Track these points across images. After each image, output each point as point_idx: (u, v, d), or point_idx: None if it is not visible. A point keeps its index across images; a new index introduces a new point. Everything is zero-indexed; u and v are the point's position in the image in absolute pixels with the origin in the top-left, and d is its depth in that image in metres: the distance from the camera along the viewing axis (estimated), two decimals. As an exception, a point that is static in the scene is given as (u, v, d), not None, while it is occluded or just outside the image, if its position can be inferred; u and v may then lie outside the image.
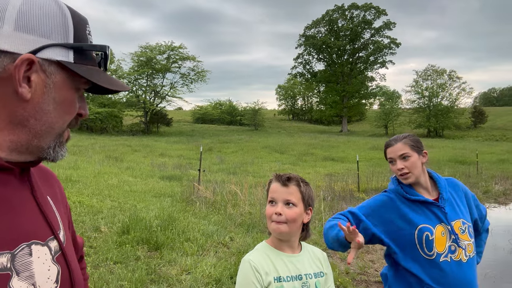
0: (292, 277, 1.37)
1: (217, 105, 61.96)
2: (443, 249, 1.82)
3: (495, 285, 4.54)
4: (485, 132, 44.15)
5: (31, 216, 0.72)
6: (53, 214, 0.80)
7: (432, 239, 1.83)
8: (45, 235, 0.73)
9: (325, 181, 11.45)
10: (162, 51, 40.79)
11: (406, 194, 1.91)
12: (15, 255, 0.65)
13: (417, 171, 1.90)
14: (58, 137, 0.73)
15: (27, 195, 0.74)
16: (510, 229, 6.91)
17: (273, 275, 1.35)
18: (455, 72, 48.25)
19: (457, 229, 1.86)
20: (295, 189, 1.40)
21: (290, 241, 1.44)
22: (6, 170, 0.70)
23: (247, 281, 1.34)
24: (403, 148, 1.91)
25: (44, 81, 0.68)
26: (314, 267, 1.44)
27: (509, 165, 16.77)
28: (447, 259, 1.80)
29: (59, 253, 0.74)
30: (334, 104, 53.27)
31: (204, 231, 5.71)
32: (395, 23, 52.97)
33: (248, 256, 1.41)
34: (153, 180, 10.71)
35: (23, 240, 0.67)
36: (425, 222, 1.86)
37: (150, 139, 29.81)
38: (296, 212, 1.38)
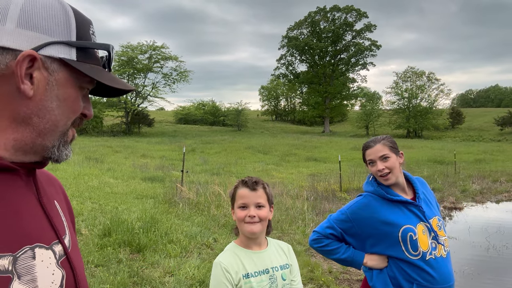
0: (260, 271, 1.50)
1: (200, 106, 61.63)
2: (427, 247, 1.86)
3: (473, 282, 4.66)
4: (462, 133, 45.34)
5: (35, 219, 0.70)
6: (59, 218, 0.79)
7: (416, 238, 1.86)
8: (50, 239, 0.71)
9: (308, 181, 11.54)
10: (143, 51, 40.30)
11: (387, 195, 1.94)
12: (17, 257, 0.63)
13: (396, 172, 1.94)
14: (62, 135, 0.73)
15: (33, 197, 0.72)
16: (487, 227, 7.11)
17: (241, 273, 1.47)
18: (433, 74, 49.46)
19: (435, 226, 1.92)
20: (262, 191, 1.54)
21: (259, 239, 1.57)
22: (11, 171, 0.68)
23: (218, 282, 1.46)
24: (382, 149, 1.95)
25: (47, 79, 0.68)
26: (280, 259, 1.57)
27: (485, 165, 17.27)
28: (432, 256, 1.86)
29: (63, 258, 0.73)
30: (316, 105, 53.74)
31: (187, 232, 5.67)
32: (375, 26, 53.89)
33: (219, 258, 1.52)
34: (134, 182, 10.56)
35: (27, 243, 0.66)
36: (407, 223, 1.89)
37: (132, 140, 29.40)
38: (265, 211, 1.53)
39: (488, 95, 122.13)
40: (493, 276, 4.86)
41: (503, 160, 19.31)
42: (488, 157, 20.42)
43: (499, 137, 40.28)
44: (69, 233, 0.80)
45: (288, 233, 6.17)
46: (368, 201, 1.98)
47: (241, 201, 1.53)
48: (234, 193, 1.58)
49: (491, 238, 6.43)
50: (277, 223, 6.53)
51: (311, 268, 4.61)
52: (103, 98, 40.09)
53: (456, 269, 5.02)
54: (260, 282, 1.48)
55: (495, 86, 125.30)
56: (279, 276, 1.53)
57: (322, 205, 8.15)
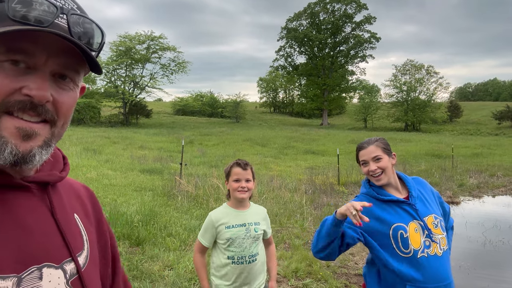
0: (239, 224, 2.20)
1: (198, 97, 61.40)
2: (419, 245, 1.89)
3: (469, 276, 4.71)
4: (460, 126, 45.43)
5: (47, 237, 0.67)
6: (76, 233, 0.74)
7: (407, 236, 1.90)
8: (61, 257, 0.68)
9: (306, 175, 11.56)
10: (141, 41, 39.97)
11: (378, 195, 2.00)
12: (22, 279, 0.61)
13: (389, 172, 2.01)
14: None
15: (47, 213, 0.69)
16: (483, 222, 7.16)
17: (225, 224, 2.18)
18: (432, 67, 49.35)
19: (430, 224, 1.94)
20: (250, 170, 2.24)
21: (244, 202, 2.27)
22: (21, 188, 0.66)
23: (207, 225, 2.24)
24: (375, 150, 2.01)
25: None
26: (255, 218, 2.26)
27: (482, 159, 17.32)
28: (424, 254, 1.87)
29: (75, 277, 0.69)
30: (315, 97, 53.63)
31: (186, 225, 5.68)
32: (375, 18, 53.57)
33: (211, 212, 2.28)
34: (133, 174, 10.55)
35: (33, 263, 0.63)
36: (398, 221, 1.93)
37: (129, 131, 29.31)
38: (252, 184, 2.26)
39: (487, 89, 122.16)
40: (490, 271, 4.91)
41: (501, 154, 19.37)
42: (485, 151, 20.49)
43: (497, 131, 40.39)
44: (88, 248, 0.76)
45: (286, 226, 6.20)
46: (361, 200, 2.01)
47: (236, 177, 2.20)
48: (229, 171, 2.26)
49: (487, 232, 6.48)
50: (276, 216, 6.56)
51: (309, 262, 4.65)
52: (101, 89, 39.90)
53: (453, 263, 5.03)
54: (239, 231, 2.17)
55: (493, 79, 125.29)
56: (252, 229, 2.21)
57: (320, 198, 8.18)
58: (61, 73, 0.66)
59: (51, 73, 0.64)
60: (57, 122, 0.66)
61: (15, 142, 0.61)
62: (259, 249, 2.24)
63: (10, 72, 0.60)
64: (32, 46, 0.61)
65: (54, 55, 0.63)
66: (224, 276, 2.17)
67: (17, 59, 0.60)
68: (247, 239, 2.16)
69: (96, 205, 0.87)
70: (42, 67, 0.62)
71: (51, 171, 0.74)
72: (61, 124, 0.68)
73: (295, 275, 4.35)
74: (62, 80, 0.66)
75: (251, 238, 2.17)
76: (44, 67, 0.62)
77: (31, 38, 0.60)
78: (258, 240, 2.23)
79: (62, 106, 0.66)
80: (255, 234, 2.19)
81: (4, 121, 0.61)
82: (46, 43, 0.62)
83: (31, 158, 0.63)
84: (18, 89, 0.61)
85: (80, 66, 0.68)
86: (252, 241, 2.19)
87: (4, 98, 0.60)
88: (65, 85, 0.67)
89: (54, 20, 0.61)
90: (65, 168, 0.79)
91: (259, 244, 2.25)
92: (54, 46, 0.63)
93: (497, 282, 4.55)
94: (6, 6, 0.59)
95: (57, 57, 0.64)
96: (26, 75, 0.61)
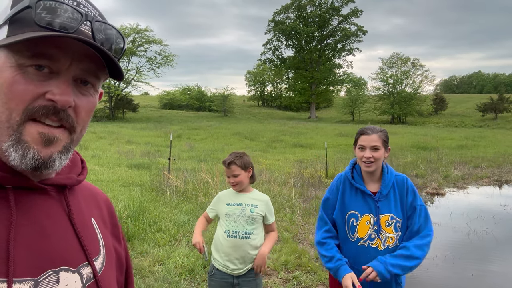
0: (236, 203, 2.50)
1: (186, 91, 60.93)
2: (364, 235, 2.09)
3: (454, 265, 4.82)
4: (445, 119, 46.16)
5: (64, 241, 0.67)
6: (93, 237, 0.74)
7: (356, 225, 2.11)
8: (78, 261, 0.68)
9: (295, 168, 11.63)
10: (127, 34, 39.35)
11: (351, 180, 2.17)
12: (39, 282, 0.61)
13: (379, 163, 2.11)
14: (12, 132, 0.61)
15: (64, 217, 0.69)
16: (468, 213, 7.32)
17: (226, 202, 2.53)
18: (418, 60, 49.90)
19: (383, 222, 2.08)
20: (235, 166, 2.47)
21: (240, 189, 2.55)
22: (38, 190, 0.66)
23: (214, 201, 2.62)
24: (377, 140, 2.09)
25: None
26: (253, 202, 2.51)
27: (467, 150, 17.67)
28: (365, 244, 2.09)
29: (91, 281, 0.69)
30: (302, 90, 53.77)
31: (175, 220, 5.67)
32: (362, 11, 53.78)
33: (219, 192, 2.66)
34: (120, 169, 10.45)
35: (51, 267, 0.63)
36: (355, 209, 2.13)
37: (116, 126, 28.96)
38: (240, 178, 2.49)
39: (471, 81, 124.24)
40: (474, 260, 5.03)
41: (484, 146, 19.78)
42: (470, 143, 20.88)
43: (481, 123, 41.18)
44: (104, 253, 0.76)
45: (276, 220, 6.23)
46: (341, 179, 2.22)
47: (226, 173, 2.55)
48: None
49: (472, 223, 6.64)
50: (265, 210, 6.58)
51: (298, 255, 4.69)
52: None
53: (438, 253, 5.18)
54: (235, 209, 2.49)
55: (477, 72, 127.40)
56: (248, 209, 2.47)
57: (309, 191, 8.24)
58: (83, 78, 0.66)
59: (73, 78, 0.65)
60: (76, 128, 0.67)
61: (37, 147, 0.62)
62: (255, 230, 2.47)
63: (34, 77, 0.61)
64: (57, 51, 0.62)
65: (77, 60, 0.64)
66: (220, 248, 2.48)
67: (42, 64, 0.61)
68: (242, 217, 2.46)
69: (112, 211, 0.87)
70: (65, 72, 0.63)
71: (69, 174, 0.74)
72: (80, 129, 0.69)
73: (284, 268, 4.39)
74: (84, 85, 0.67)
75: (245, 217, 2.45)
76: (67, 72, 0.63)
77: (56, 44, 0.61)
78: (254, 221, 2.47)
79: (82, 111, 0.67)
80: (250, 214, 2.46)
81: (29, 126, 0.62)
82: (70, 49, 0.63)
83: (51, 164, 0.64)
84: (42, 94, 0.62)
85: (101, 72, 0.69)
86: (247, 219, 2.45)
87: (29, 104, 0.61)
88: (86, 91, 0.68)
89: (79, 27, 0.62)
90: (83, 172, 0.78)
91: (256, 226, 2.49)
92: (78, 52, 0.64)
93: (481, 271, 4.68)
94: (33, 12, 0.60)
95: (80, 62, 0.64)
96: (49, 80, 0.62)
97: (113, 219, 0.86)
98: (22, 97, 0.60)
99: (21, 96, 0.60)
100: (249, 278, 2.47)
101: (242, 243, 2.43)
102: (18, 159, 0.61)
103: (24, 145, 0.61)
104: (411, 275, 4.50)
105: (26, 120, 0.61)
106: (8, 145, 0.61)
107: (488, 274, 4.61)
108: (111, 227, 0.84)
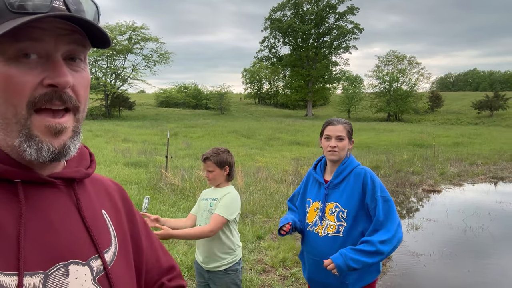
0: (205, 198, 2.55)
1: (182, 88, 60.72)
2: (311, 221, 2.22)
3: (451, 262, 4.86)
4: (441, 116, 46.33)
5: (73, 234, 0.67)
6: (104, 230, 0.74)
7: (307, 211, 2.27)
8: (88, 254, 0.68)
9: (292, 166, 11.65)
10: (123, 32, 39.17)
11: (313, 171, 2.34)
12: (49, 275, 0.62)
13: (343, 153, 2.20)
14: (21, 127, 0.61)
15: (74, 210, 0.69)
16: (464, 209, 7.37)
17: (201, 197, 2.61)
18: (414, 57, 50.03)
19: (327, 209, 2.17)
20: (210, 162, 2.50)
21: (215, 184, 2.56)
22: (47, 184, 0.66)
23: (200, 197, 2.64)
24: (342, 130, 2.20)
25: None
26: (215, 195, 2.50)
27: (463, 148, 17.77)
28: (311, 229, 2.21)
29: (102, 274, 0.69)
30: (299, 88, 53.75)
31: (173, 218, 5.67)
32: (358, 8, 53.79)
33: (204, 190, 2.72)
34: (117, 167, 10.43)
35: (60, 260, 0.63)
36: (310, 196, 2.30)
37: (112, 124, 28.86)
38: (214, 174, 2.51)
39: (467, 79, 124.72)
40: (470, 256, 5.08)
41: (480, 143, 19.90)
42: (465, 140, 21.00)
43: (476, 121, 41.38)
44: (116, 244, 0.76)
45: (273, 217, 6.26)
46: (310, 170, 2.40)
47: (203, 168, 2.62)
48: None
49: (468, 219, 6.68)
50: (262, 208, 6.61)
51: (296, 252, 4.71)
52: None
53: (435, 250, 5.22)
54: (203, 204, 2.54)
55: (473, 70, 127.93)
56: (208, 203, 2.50)
57: (306, 189, 8.26)
58: (71, 54, 0.65)
59: (62, 56, 0.64)
60: (79, 107, 0.67)
61: (49, 139, 0.63)
62: None
63: (26, 67, 0.60)
64: (39, 33, 0.61)
65: (61, 37, 0.63)
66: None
67: (28, 51, 0.60)
68: (205, 212, 2.50)
69: (126, 199, 0.87)
70: (54, 52, 0.62)
71: (77, 168, 0.74)
72: (83, 107, 0.68)
73: (282, 265, 4.41)
74: (73, 61, 0.66)
75: (207, 211, 2.49)
76: (55, 52, 0.62)
77: (36, 26, 0.60)
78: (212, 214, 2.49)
79: (80, 88, 0.66)
80: (209, 208, 2.49)
81: (34, 120, 0.62)
82: (50, 28, 0.62)
83: (67, 151, 0.65)
84: (40, 83, 0.61)
85: (86, 42, 0.68)
86: (208, 214, 2.47)
87: (30, 96, 0.60)
88: (77, 66, 0.67)
89: (52, 3, 0.61)
90: (91, 165, 0.79)
91: None
92: (59, 28, 0.63)
93: (477, 267, 4.72)
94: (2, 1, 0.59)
95: (63, 38, 0.63)
96: (42, 66, 0.61)
97: (128, 206, 0.86)
98: (21, 90, 0.60)
99: (21, 90, 0.60)
100: (219, 275, 2.45)
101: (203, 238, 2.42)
102: (35, 153, 0.62)
103: (36, 139, 0.62)
104: (408, 271, 4.54)
105: (32, 113, 0.61)
106: (20, 141, 0.62)
107: (484, 269, 4.65)
108: (126, 214, 0.84)
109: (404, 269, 4.61)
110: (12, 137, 0.62)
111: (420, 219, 6.72)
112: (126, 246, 0.79)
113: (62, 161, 0.67)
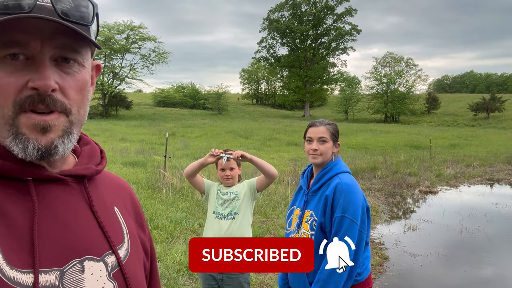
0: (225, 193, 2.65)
1: (180, 88, 60.64)
2: (293, 228, 2.14)
3: (447, 263, 4.91)
4: (438, 118, 46.51)
5: (87, 230, 0.67)
6: (116, 226, 0.74)
7: (291, 218, 2.18)
8: (102, 250, 0.69)
9: (290, 166, 11.68)
10: (121, 31, 39.06)
11: (302, 174, 2.25)
12: (65, 272, 0.62)
13: (326, 157, 2.06)
14: (10, 127, 0.61)
15: (85, 207, 0.69)
16: (460, 211, 7.42)
17: (217, 188, 2.71)
18: (411, 59, 50.20)
19: (304, 217, 2.06)
20: (232, 161, 2.64)
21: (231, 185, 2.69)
22: (58, 181, 0.67)
23: (208, 183, 2.78)
24: (324, 132, 2.07)
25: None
26: (237, 189, 2.65)
27: (459, 149, 17.86)
28: (292, 236, 2.12)
29: (116, 269, 0.69)
30: (297, 89, 53.82)
31: (172, 218, 5.69)
32: (356, 10, 53.94)
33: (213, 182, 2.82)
34: (115, 167, 10.43)
35: (75, 256, 0.64)
36: (294, 204, 2.22)
37: (109, 123, 28.80)
38: (234, 172, 2.68)
39: (463, 81, 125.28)
40: (467, 257, 5.13)
41: (476, 145, 20.00)
42: (462, 142, 21.11)
43: (473, 122, 41.57)
44: (128, 241, 0.76)
45: (271, 217, 6.30)
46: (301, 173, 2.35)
47: (222, 166, 2.68)
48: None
49: (464, 221, 6.74)
50: (261, 208, 6.64)
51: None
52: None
53: (432, 251, 5.26)
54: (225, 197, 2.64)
55: (470, 72, 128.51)
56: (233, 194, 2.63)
57: (304, 189, 8.29)
58: (62, 56, 0.63)
59: (52, 58, 0.61)
60: (71, 109, 0.64)
61: (35, 137, 0.62)
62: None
63: (12, 68, 0.59)
64: (23, 35, 0.58)
65: (48, 39, 0.60)
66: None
67: (14, 52, 0.59)
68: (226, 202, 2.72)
69: (134, 199, 0.87)
70: (40, 55, 0.60)
71: (88, 165, 0.74)
72: (76, 109, 0.66)
73: (281, 265, 4.43)
74: (66, 63, 0.64)
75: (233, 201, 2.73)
76: (42, 54, 0.60)
77: (19, 27, 0.58)
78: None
79: (71, 91, 0.64)
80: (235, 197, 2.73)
81: (22, 118, 0.61)
82: (35, 29, 0.59)
83: (55, 150, 0.64)
84: (25, 84, 0.60)
85: (79, 45, 0.64)
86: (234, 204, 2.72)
87: (16, 97, 0.60)
88: (69, 68, 0.64)
89: (36, 2, 0.58)
90: (102, 162, 0.79)
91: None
92: (44, 30, 0.60)
93: (473, 268, 4.77)
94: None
95: (51, 40, 0.60)
96: (28, 67, 0.60)
97: (136, 208, 0.86)
98: (6, 91, 0.59)
99: (6, 91, 0.59)
100: (232, 274, 2.43)
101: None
102: (22, 151, 0.62)
103: (23, 137, 0.61)
104: (405, 272, 4.58)
105: (19, 112, 0.61)
106: (9, 140, 0.62)
107: (480, 270, 4.70)
108: (135, 216, 0.84)
109: (401, 269, 4.66)
110: (4, 137, 0.63)
111: (417, 220, 6.77)
112: (136, 245, 0.79)
113: (50, 160, 0.66)
